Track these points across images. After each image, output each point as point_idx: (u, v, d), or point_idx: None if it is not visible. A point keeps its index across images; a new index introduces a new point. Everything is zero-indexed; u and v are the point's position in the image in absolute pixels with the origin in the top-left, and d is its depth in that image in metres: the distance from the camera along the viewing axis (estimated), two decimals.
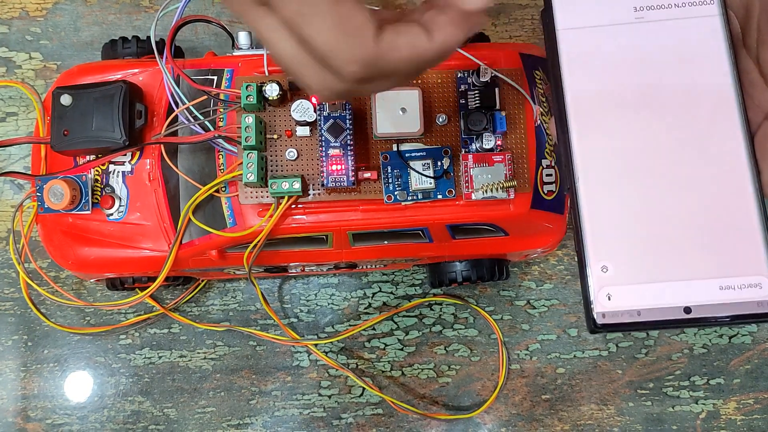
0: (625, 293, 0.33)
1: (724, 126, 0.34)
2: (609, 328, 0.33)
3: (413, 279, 0.59)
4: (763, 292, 0.32)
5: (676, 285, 0.33)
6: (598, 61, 0.36)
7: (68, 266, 0.49)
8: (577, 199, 0.34)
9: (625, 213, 0.34)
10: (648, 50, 0.36)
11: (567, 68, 0.36)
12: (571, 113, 0.35)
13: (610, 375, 0.58)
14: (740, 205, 0.33)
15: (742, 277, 0.33)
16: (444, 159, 0.44)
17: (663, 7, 0.36)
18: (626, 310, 0.33)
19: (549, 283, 0.59)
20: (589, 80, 0.36)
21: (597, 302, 0.33)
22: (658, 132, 0.35)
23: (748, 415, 0.58)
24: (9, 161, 0.59)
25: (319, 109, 0.44)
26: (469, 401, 0.58)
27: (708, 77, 0.35)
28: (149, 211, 0.47)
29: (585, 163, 0.34)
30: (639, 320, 0.33)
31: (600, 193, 0.34)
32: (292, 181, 0.43)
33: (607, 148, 0.35)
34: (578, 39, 0.36)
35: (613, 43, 0.36)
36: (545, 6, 0.37)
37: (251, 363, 0.58)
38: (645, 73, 0.35)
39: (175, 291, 0.58)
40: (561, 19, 0.36)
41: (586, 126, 0.35)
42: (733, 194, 0.34)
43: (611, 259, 0.33)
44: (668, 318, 0.33)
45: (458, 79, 0.46)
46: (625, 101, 0.35)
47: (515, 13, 0.62)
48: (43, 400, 0.57)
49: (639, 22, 0.36)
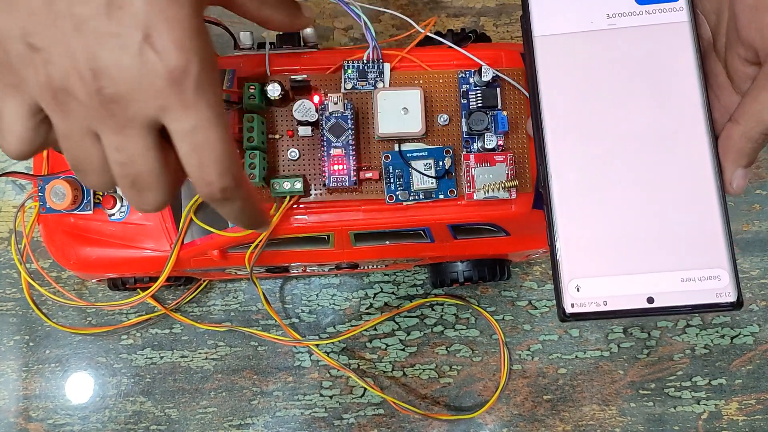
0: (593, 284, 0.35)
1: (690, 126, 0.36)
2: (578, 317, 0.35)
3: (415, 279, 0.59)
4: (721, 283, 0.35)
5: (641, 277, 0.35)
6: (572, 66, 0.37)
7: (70, 266, 0.49)
8: (550, 196, 0.36)
9: (595, 209, 0.36)
10: (620, 55, 0.37)
11: (542, 72, 0.37)
12: (546, 115, 0.37)
13: (612, 375, 0.58)
14: (703, 203, 0.35)
15: (702, 270, 0.35)
16: (446, 159, 0.44)
17: (635, 14, 0.37)
18: (593, 300, 0.35)
19: (550, 284, 0.59)
20: (563, 84, 0.37)
21: (566, 293, 0.35)
22: (627, 133, 0.36)
23: (749, 416, 0.58)
24: (10, 161, 0.59)
25: (321, 109, 0.44)
26: (470, 402, 0.58)
27: (676, 80, 0.37)
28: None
29: (557, 162, 0.36)
30: (605, 309, 0.35)
31: (571, 190, 0.36)
32: (294, 181, 0.43)
33: (578, 148, 0.37)
34: (554, 45, 0.38)
35: (586, 48, 0.37)
36: (523, 12, 0.38)
37: (253, 363, 0.58)
38: (617, 77, 0.37)
39: (177, 291, 0.58)
40: (538, 26, 0.38)
41: (559, 127, 0.37)
42: (697, 192, 0.36)
43: (581, 253, 0.36)
44: (632, 307, 0.35)
45: (460, 79, 0.46)
46: (598, 103, 0.37)
47: (516, 14, 0.62)
48: (45, 401, 0.57)
49: (611, 28, 0.37)
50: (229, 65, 0.47)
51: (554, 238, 0.36)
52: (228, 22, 0.50)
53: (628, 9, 0.37)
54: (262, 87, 0.44)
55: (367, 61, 0.45)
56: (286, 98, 0.45)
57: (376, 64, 0.45)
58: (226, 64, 0.47)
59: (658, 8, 0.37)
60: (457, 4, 0.62)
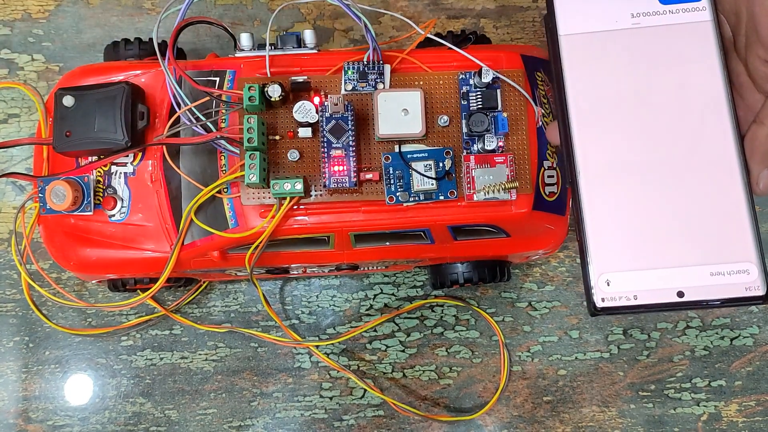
0: (623, 279, 0.35)
1: (715, 124, 0.36)
2: (608, 311, 0.35)
3: (415, 280, 0.59)
4: (750, 277, 0.35)
5: (671, 271, 0.35)
6: (597, 64, 0.38)
7: (70, 267, 0.49)
8: (579, 193, 0.36)
9: (624, 205, 0.36)
10: (644, 54, 0.38)
11: (568, 70, 0.38)
12: (572, 112, 0.37)
13: (612, 377, 0.58)
14: (731, 199, 0.36)
15: (731, 264, 0.35)
16: (446, 160, 0.44)
17: (658, 13, 0.38)
18: (624, 294, 0.35)
19: (550, 285, 0.59)
20: (588, 82, 0.38)
21: (597, 287, 0.35)
22: (654, 130, 0.37)
23: (749, 417, 0.58)
24: (11, 162, 0.59)
25: (321, 110, 0.44)
26: (470, 403, 0.58)
27: (701, 79, 0.37)
28: (151, 212, 0.47)
29: (585, 159, 0.37)
30: (635, 303, 0.35)
31: (599, 187, 0.36)
32: (294, 182, 0.43)
33: (606, 145, 0.37)
34: (579, 43, 0.38)
35: (611, 47, 0.38)
36: (548, 11, 0.39)
37: (252, 364, 0.58)
38: (641, 75, 0.37)
39: (177, 292, 0.58)
40: (563, 25, 0.38)
41: (587, 124, 0.37)
42: (724, 187, 0.36)
43: (610, 248, 0.36)
44: (663, 301, 0.35)
45: (460, 81, 0.46)
46: (623, 101, 0.37)
47: (516, 15, 0.62)
48: (45, 402, 0.57)
49: (636, 27, 0.38)
50: (230, 66, 0.47)
51: (584, 233, 0.36)
52: (229, 24, 0.50)
53: (652, 8, 0.38)
54: (262, 88, 0.44)
55: (368, 63, 0.45)
56: (287, 99, 0.45)
57: (376, 66, 0.45)
58: (227, 66, 0.47)
59: (682, 8, 0.38)
60: (458, 6, 0.62)
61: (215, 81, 0.46)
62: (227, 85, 0.46)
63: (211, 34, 0.60)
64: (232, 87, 0.46)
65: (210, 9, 0.61)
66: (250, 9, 0.61)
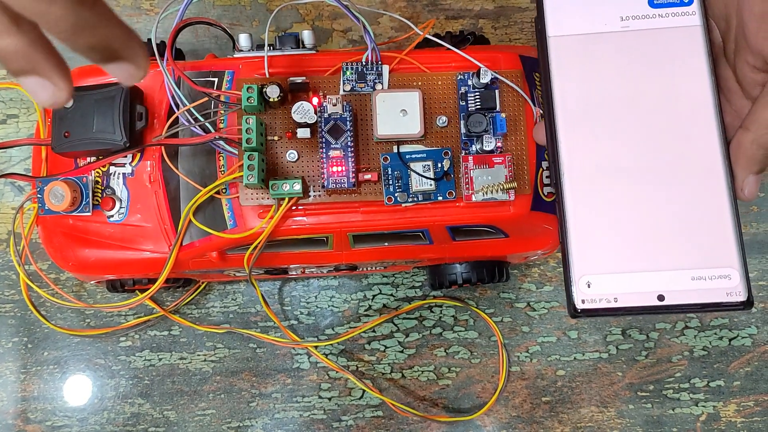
0: (604, 281, 0.35)
1: (702, 129, 0.36)
2: (588, 313, 0.35)
3: (413, 281, 0.59)
4: (732, 282, 0.35)
5: (652, 275, 0.35)
6: (585, 66, 0.38)
7: (68, 268, 0.49)
8: (562, 193, 0.36)
9: (607, 207, 0.36)
10: (633, 57, 0.38)
11: (556, 72, 0.38)
12: (559, 113, 0.37)
13: (610, 377, 0.58)
14: (715, 204, 0.36)
15: (713, 269, 0.35)
16: (444, 161, 0.45)
17: (648, 16, 0.38)
18: (604, 296, 0.35)
19: (549, 285, 0.59)
20: (576, 83, 0.38)
21: (577, 289, 0.35)
22: (640, 133, 0.37)
23: (748, 418, 0.58)
24: (9, 163, 0.59)
25: (319, 110, 0.44)
26: (469, 403, 0.58)
27: (688, 83, 0.37)
28: (150, 212, 0.47)
29: (570, 160, 0.37)
30: (616, 306, 0.35)
31: (583, 188, 0.36)
32: (293, 183, 0.43)
33: (591, 146, 0.37)
34: (567, 45, 0.38)
35: (600, 49, 0.38)
36: (537, 13, 0.39)
37: (251, 365, 0.58)
38: (629, 78, 0.37)
39: (175, 293, 0.58)
40: (552, 27, 0.38)
41: (573, 125, 0.37)
42: (709, 193, 0.36)
43: (592, 250, 0.36)
44: (643, 304, 0.35)
45: (458, 81, 0.46)
46: (610, 104, 0.37)
47: (515, 16, 0.62)
48: (43, 402, 0.57)
49: (625, 30, 0.38)
50: (228, 67, 0.47)
51: (566, 234, 0.36)
52: (227, 25, 0.50)
53: (642, 12, 0.38)
54: (260, 89, 0.44)
55: (366, 63, 0.46)
56: (285, 100, 0.45)
57: (374, 66, 0.46)
58: (225, 66, 0.47)
59: (671, 12, 0.38)
60: (456, 7, 0.62)
61: (214, 81, 0.46)
62: (226, 86, 0.46)
63: (210, 34, 0.60)
64: (230, 87, 0.46)
65: (208, 9, 0.61)
66: (249, 10, 0.61)
